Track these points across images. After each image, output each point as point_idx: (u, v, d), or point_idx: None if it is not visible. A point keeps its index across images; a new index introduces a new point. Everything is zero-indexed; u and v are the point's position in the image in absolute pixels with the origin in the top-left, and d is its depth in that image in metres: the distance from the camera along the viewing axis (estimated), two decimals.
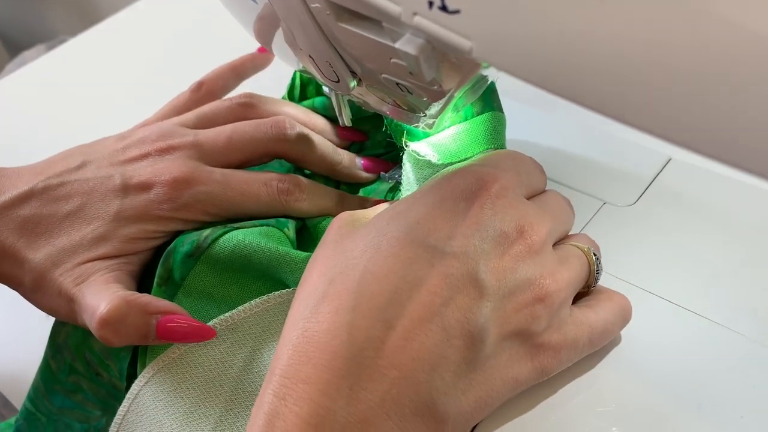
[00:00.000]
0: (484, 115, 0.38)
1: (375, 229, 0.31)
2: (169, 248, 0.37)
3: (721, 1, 0.17)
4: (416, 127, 0.38)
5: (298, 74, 0.46)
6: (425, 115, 0.35)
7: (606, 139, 0.47)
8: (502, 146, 0.38)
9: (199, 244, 0.37)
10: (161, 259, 0.37)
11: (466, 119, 0.38)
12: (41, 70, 0.71)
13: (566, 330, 0.32)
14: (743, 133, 0.19)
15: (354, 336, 0.27)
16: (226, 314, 0.35)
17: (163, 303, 0.34)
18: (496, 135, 0.38)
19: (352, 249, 0.30)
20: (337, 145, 0.44)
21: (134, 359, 0.36)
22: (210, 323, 0.35)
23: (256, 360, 0.34)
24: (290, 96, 0.47)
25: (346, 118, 0.41)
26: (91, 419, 0.38)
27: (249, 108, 0.42)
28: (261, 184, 0.38)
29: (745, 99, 0.18)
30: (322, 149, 0.42)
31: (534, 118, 0.47)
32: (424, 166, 0.38)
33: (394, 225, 0.30)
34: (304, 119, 0.44)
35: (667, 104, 0.19)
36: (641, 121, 0.20)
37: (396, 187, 0.43)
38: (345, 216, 0.34)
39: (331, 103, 0.42)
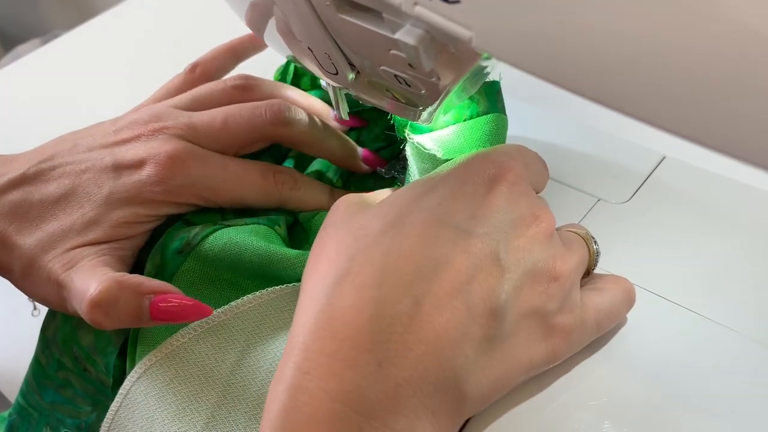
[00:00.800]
0: (489, 116, 0.38)
1: (393, 208, 0.31)
2: (157, 244, 0.37)
3: None
4: (414, 120, 0.38)
5: (292, 63, 0.46)
6: (423, 109, 0.35)
7: (600, 136, 0.47)
8: None
9: (189, 240, 0.36)
10: (150, 255, 0.37)
11: (471, 117, 0.38)
12: (36, 64, 0.71)
13: (576, 312, 0.32)
14: (742, 124, 0.19)
15: (381, 311, 0.27)
16: (218, 310, 0.35)
17: (155, 282, 0.33)
18: (497, 136, 0.38)
19: (369, 228, 0.30)
20: None
21: (122, 355, 0.36)
22: (201, 320, 0.34)
23: (249, 355, 0.34)
24: (283, 78, 0.47)
25: (343, 112, 0.41)
26: (82, 414, 0.38)
27: (245, 90, 0.41)
28: (258, 171, 0.38)
29: (744, 90, 0.18)
30: (321, 133, 0.41)
31: (529, 115, 0.47)
32: (426, 159, 0.38)
33: (415, 205, 0.30)
34: (303, 102, 0.43)
35: (666, 94, 0.19)
36: (640, 112, 0.20)
37: (392, 183, 0.43)
38: (351, 197, 0.33)
39: (328, 96, 0.42)
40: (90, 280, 0.32)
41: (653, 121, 0.20)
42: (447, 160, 0.37)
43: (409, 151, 0.39)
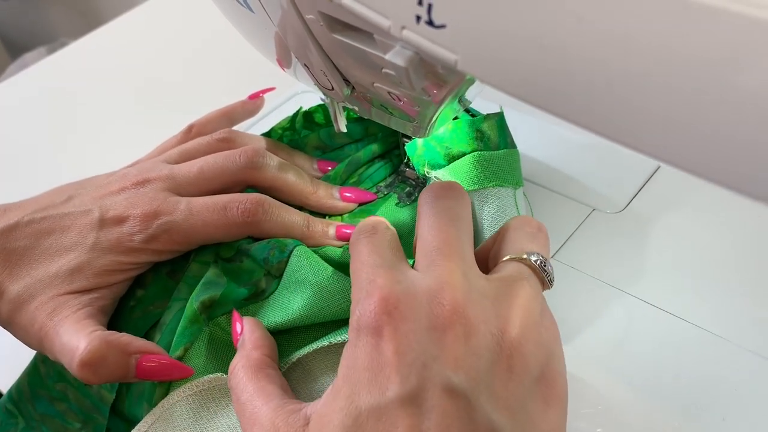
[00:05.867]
0: (507, 150, 0.39)
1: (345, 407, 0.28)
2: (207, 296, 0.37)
3: (696, 18, 0.18)
4: (410, 134, 0.39)
5: (301, 111, 0.47)
6: (418, 123, 0.35)
7: (595, 146, 0.47)
8: (518, 182, 0.39)
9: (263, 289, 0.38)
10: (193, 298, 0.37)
11: (483, 149, 0.39)
12: (42, 73, 0.72)
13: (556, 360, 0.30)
14: (726, 152, 0.19)
15: None
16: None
17: (141, 342, 0.34)
18: (513, 171, 0.39)
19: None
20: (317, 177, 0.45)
21: None
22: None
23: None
24: (291, 125, 0.48)
25: (341, 125, 0.42)
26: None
27: (226, 142, 0.43)
28: (220, 208, 0.39)
29: (727, 118, 0.19)
30: (294, 178, 0.42)
31: (524, 125, 0.48)
32: None
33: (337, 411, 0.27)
34: (276, 151, 0.44)
35: (646, 120, 0.20)
36: (619, 136, 0.21)
37: (387, 197, 0.44)
38: None
39: (333, 132, 0.43)
40: (78, 337, 0.34)
41: (634, 145, 0.21)
42: (467, 191, 0.38)
43: None
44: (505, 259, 0.31)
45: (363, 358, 0.27)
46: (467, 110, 0.41)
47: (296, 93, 0.58)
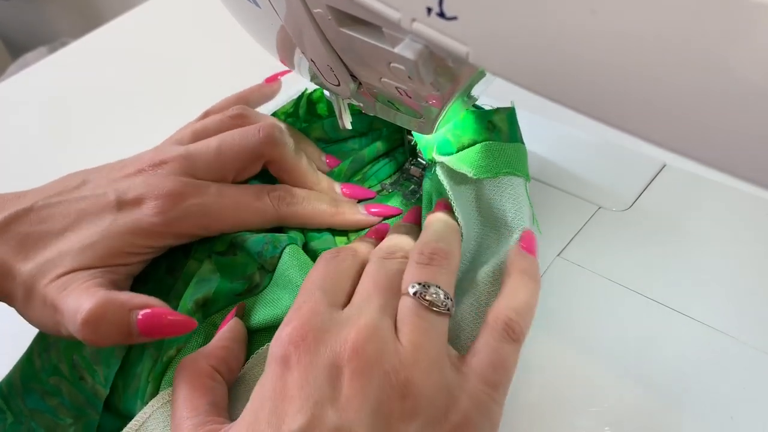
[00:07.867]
0: (515, 144, 0.39)
1: None
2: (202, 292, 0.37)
3: (709, 11, 0.18)
4: (418, 131, 0.38)
5: (305, 96, 0.47)
6: (425, 119, 0.35)
7: (601, 144, 0.47)
8: (526, 176, 0.39)
9: (257, 283, 0.38)
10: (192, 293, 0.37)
11: (497, 140, 0.39)
12: (43, 73, 0.72)
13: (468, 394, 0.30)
14: (735, 141, 0.19)
15: None
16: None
17: (142, 298, 0.33)
18: (522, 164, 0.39)
19: None
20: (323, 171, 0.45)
21: (121, 370, 0.37)
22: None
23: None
24: (294, 111, 0.47)
25: (346, 121, 0.42)
26: (59, 428, 0.38)
27: (240, 119, 0.43)
28: (252, 192, 0.39)
29: (735, 108, 0.19)
30: (305, 164, 0.42)
31: (530, 122, 0.48)
32: (460, 181, 0.39)
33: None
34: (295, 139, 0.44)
35: (658, 110, 0.20)
36: (630, 126, 0.20)
37: (391, 195, 0.44)
38: None
39: (337, 124, 0.43)
40: (82, 300, 0.33)
41: (647, 135, 0.20)
42: (479, 179, 0.38)
43: (439, 172, 0.39)
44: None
45: (268, 387, 0.28)
46: (474, 107, 0.40)
47: (300, 90, 0.57)
